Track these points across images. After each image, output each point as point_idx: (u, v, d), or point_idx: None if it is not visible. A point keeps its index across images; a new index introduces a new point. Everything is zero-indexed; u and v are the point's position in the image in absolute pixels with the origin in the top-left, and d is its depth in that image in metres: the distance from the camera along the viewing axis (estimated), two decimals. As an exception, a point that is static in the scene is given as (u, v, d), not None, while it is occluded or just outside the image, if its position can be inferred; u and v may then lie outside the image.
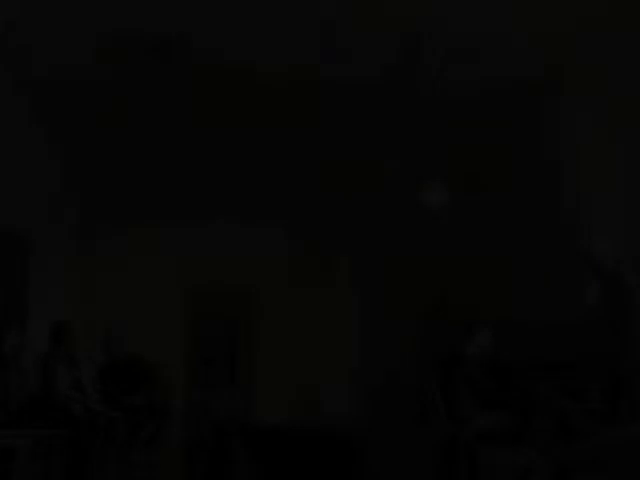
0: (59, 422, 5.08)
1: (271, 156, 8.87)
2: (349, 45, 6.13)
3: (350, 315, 8.92)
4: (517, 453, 4.00)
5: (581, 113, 6.39)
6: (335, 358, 8.69)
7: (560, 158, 6.79)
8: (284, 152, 8.76)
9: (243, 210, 9.19)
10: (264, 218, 9.21)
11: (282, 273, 9.07)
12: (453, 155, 8.63)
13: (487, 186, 8.73)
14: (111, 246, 8.86)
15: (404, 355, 8.55)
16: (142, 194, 9.11)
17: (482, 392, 4.40)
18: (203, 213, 9.13)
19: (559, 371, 4.53)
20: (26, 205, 6.96)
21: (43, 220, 7.33)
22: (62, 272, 7.89)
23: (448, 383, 4.57)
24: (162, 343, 7.83)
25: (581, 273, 5.96)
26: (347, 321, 8.88)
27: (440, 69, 6.32)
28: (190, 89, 6.92)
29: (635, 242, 5.37)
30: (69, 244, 8.12)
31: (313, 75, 6.70)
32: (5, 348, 5.09)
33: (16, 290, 6.74)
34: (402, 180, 9.26)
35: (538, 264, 7.15)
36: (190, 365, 8.75)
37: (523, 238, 7.62)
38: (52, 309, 7.09)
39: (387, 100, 7.22)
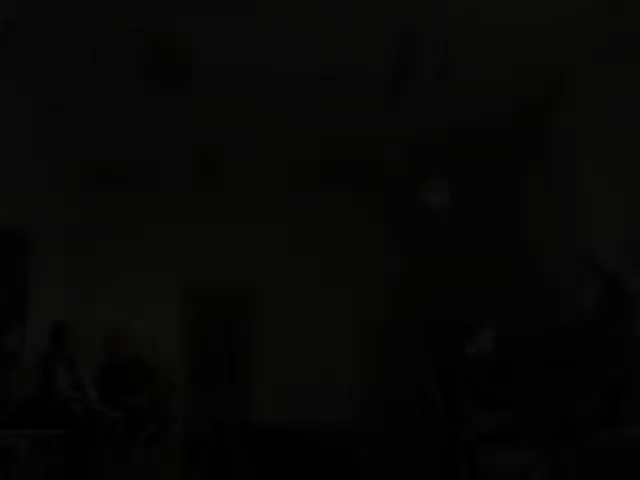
0: (59, 422, 5.08)
1: (271, 156, 8.87)
2: (349, 45, 6.13)
3: (350, 315, 8.92)
4: (517, 453, 4.00)
5: (581, 114, 6.39)
6: (335, 358, 8.69)
7: (560, 159, 6.78)
8: (284, 152, 8.77)
9: (243, 210, 9.19)
10: (265, 218, 9.21)
11: (282, 273, 9.07)
12: (453, 155, 8.65)
13: (487, 186, 8.74)
14: (111, 246, 8.87)
15: (404, 356, 8.55)
16: (142, 194, 9.12)
17: (482, 392, 4.40)
18: (203, 213, 9.14)
19: (559, 371, 4.53)
20: (26, 205, 6.96)
21: (43, 220, 7.33)
22: (62, 272, 7.89)
23: (448, 383, 4.57)
24: (162, 343, 7.83)
25: (581, 273, 5.96)
26: (347, 321, 8.88)
27: (440, 70, 6.31)
28: (191, 92, 6.92)
29: (635, 242, 5.37)
30: (69, 244, 8.12)
31: (313, 75, 6.70)
32: (5, 348, 5.09)
33: (16, 290, 6.74)
34: (402, 180, 9.27)
35: (538, 264, 7.15)
36: (190, 365, 8.75)
37: (523, 238, 7.62)
38: (52, 309, 7.09)
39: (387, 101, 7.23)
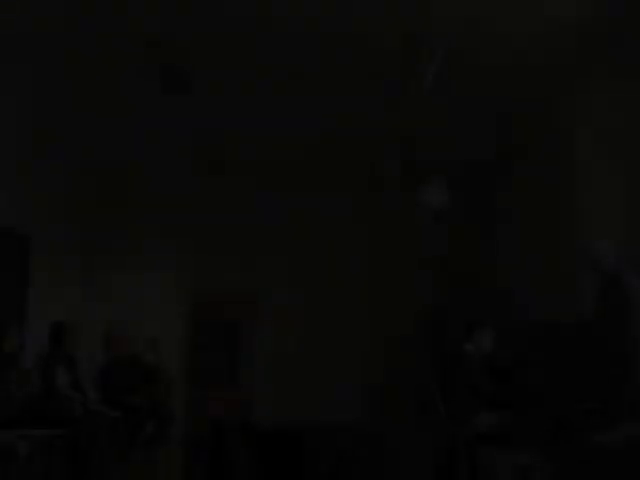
0: (59, 422, 5.08)
1: (271, 156, 8.87)
2: (349, 45, 6.13)
3: (350, 315, 8.92)
4: (517, 453, 4.00)
5: (581, 114, 6.39)
6: (335, 358, 8.69)
7: (560, 157, 6.78)
8: (284, 152, 8.77)
9: (244, 211, 9.19)
10: (266, 220, 9.21)
11: (282, 274, 9.07)
12: (453, 155, 8.65)
13: (487, 186, 8.75)
14: (111, 246, 8.87)
15: (404, 355, 8.56)
16: (142, 194, 9.12)
17: (482, 392, 4.40)
18: (204, 213, 9.13)
19: (559, 371, 4.53)
20: (26, 205, 6.96)
21: (43, 220, 7.33)
22: (62, 272, 7.89)
23: (448, 383, 4.57)
24: (162, 343, 7.82)
25: (581, 273, 5.96)
26: (347, 321, 8.88)
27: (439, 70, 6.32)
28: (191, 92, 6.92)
29: (635, 242, 5.37)
30: (69, 244, 8.12)
31: (313, 75, 6.70)
32: (5, 348, 5.09)
33: (16, 290, 6.74)
34: (402, 180, 9.27)
35: (537, 264, 7.15)
36: (190, 365, 8.75)
37: (523, 238, 7.62)
38: (52, 309, 7.08)
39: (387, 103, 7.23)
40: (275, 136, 8.21)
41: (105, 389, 6.29)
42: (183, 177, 9.17)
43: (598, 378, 4.26)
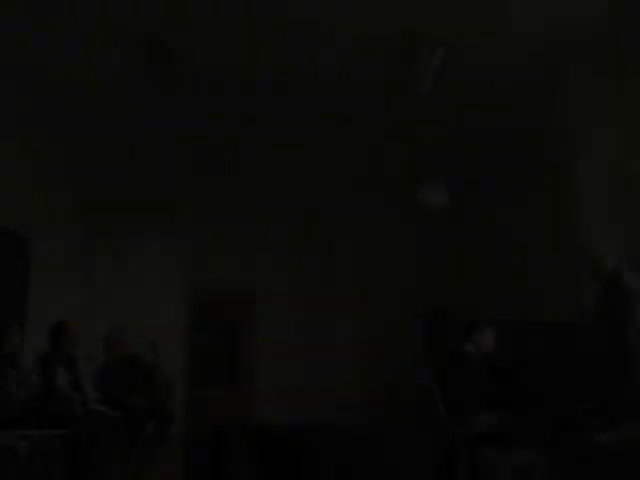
0: (59, 422, 5.08)
1: (271, 156, 8.87)
2: (349, 45, 6.13)
3: (350, 315, 8.92)
4: (517, 453, 4.00)
5: (582, 112, 6.39)
6: (335, 358, 8.69)
7: (560, 158, 6.78)
8: (284, 152, 8.77)
9: (244, 211, 9.19)
10: (265, 219, 9.21)
11: (282, 274, 9.07)
12: (453, 155, 8.65)
13: (487, 186, 8.74)
14: (111, 246, 8.87)
15: (404, 355, 8.55)
16: (142, 194, 9.12)
17: (482, 392, 4.40)
18: (204, 213, 9.14)
19: (559, 371, 4.53)
20: (26, 205, 6.96)
21: (43, 220, 7.33)
22: (62, 272, 7.89)
23: (448, 383, 4.57)
24: (162, 343, 7.83)
25: (581, 273, 5.96)
26: (347, 321, 8.88)
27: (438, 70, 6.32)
28: (191, 93, 6.92)
29: (635, 242, 5.37)
30: (69, 244, 8.12)
31: (313, 75, 6.71)
32: (5, 348, 5.09)
33: (16, 290, 6.74)
34: (402, 180, 9.28)
35: (538, 264, 7.15)
36: (190, 365, 8.75)
37: (523, 238, 7.62)
38: (52, 309, 7.08)
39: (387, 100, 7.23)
40: (275, 136, 8.22)
41: (105, 389, 6.28)
42: (183, 177, 9.17)
43: (598, 378, 4.25)
